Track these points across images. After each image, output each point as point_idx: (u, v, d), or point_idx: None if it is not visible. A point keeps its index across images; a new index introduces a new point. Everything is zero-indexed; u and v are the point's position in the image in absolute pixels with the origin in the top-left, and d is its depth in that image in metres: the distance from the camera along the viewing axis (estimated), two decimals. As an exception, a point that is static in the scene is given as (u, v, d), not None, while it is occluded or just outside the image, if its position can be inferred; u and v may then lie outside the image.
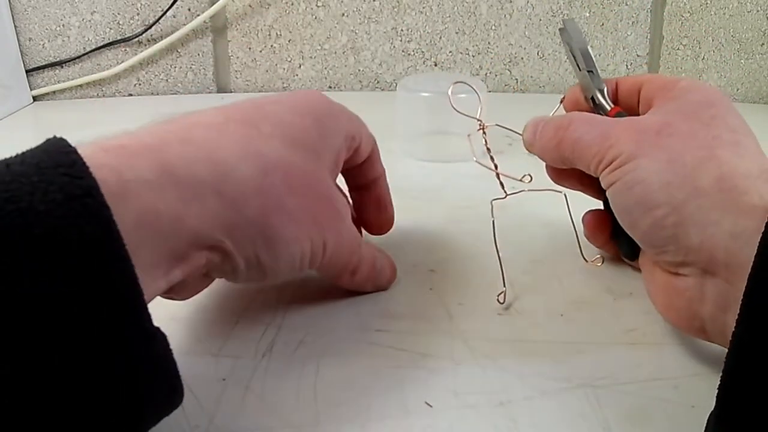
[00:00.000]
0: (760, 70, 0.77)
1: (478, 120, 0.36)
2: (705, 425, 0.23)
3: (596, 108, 0.37)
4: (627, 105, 0.36)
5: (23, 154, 0.22)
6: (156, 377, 0.22)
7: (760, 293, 0.22)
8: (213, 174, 0.25)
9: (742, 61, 0.76)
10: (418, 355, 0.31)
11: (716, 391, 0.23)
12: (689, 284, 0.29)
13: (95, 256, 0.20)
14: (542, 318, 0.34)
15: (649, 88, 0.35)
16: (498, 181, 0.36)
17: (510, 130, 0.38)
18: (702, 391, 0.29)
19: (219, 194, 0.25)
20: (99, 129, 0.70)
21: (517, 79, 0.77)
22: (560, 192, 0.38)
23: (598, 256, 0.38)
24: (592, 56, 0.37)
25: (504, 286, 0.35)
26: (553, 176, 0.38)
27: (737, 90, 0.77)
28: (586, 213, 0.38)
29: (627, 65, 0.77)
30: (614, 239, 0.37)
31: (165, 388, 0.23)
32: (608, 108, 0.36)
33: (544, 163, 0.37)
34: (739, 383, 0.22)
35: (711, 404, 0.23)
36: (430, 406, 0.28)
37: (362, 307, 0.35)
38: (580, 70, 0.37)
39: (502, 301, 0.34)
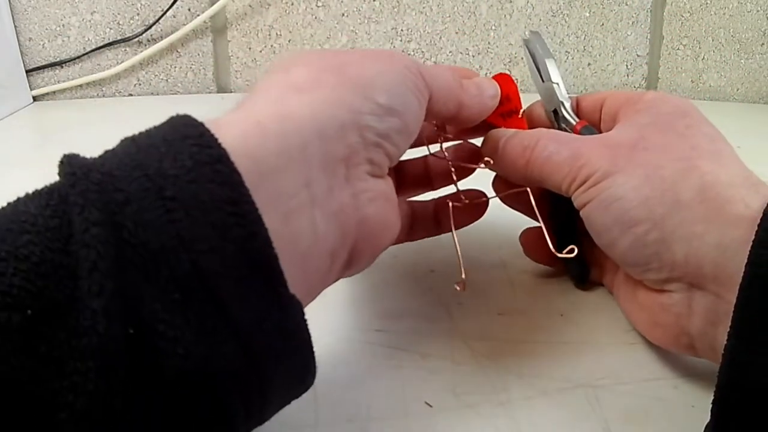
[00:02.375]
0: (760, 70, 0.77)
1: (435, 126, 0.35)
2: None
3: (559, 121, 0.35)
4: (589, 122, 0.35)
5: (147, 130, 0.22)
6: (289, 350, 0.21)
7: (751, 304, 0.22)
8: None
9: (742, 61, 0.76)
10: (418, 355, 0.31)
11: (711, 406, 0.22)
12: (676, 300, 0.28)
13: (230, 219, 0.19)
14: (542, 318, 0.34)
15: (611, 104, 0.34)
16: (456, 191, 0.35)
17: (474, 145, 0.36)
18: (702, 391, 0.29)
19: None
20: (99, 129, 0.70)
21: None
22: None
23: (571, 246, 0.34)
24: (557, 69, 0.36)
25: (462, 274, 0.32)
26: (502, 198, 0.37)
27: (737, 90, 0.77)
28: (525, 230, 0.37)
29: (627, 65, 0.77)
30: (564, 262, 0.36)
31: (296, 363, 0.21)
32: (574, 122, 0.35)
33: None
34: (734, 396, 0.22)
35: (710, 405, 0.23)
36: (430, 406, 0.28)
37: (362, 307, 0.35)
38: (543, 81, 0.36)
39: (460, 288, 0.32)
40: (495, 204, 0.36)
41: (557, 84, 0.36)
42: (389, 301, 0.35)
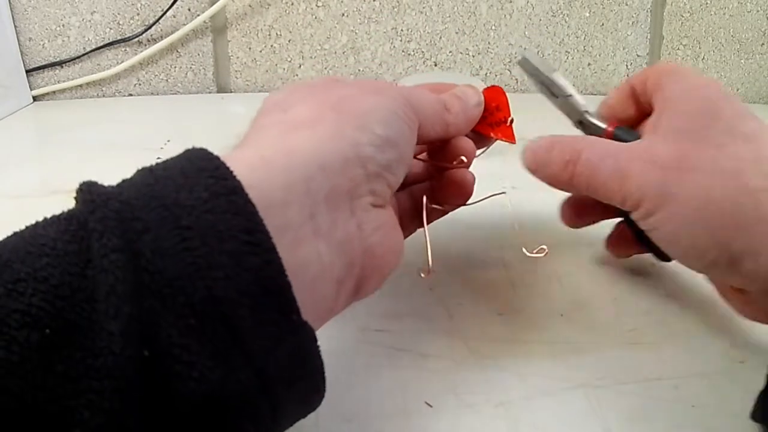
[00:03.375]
0: (760, 70, 0.77)
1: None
2: (755, 402, 0.24)
3: (587, 130, 0.35)
4: (620, 118, 0.35)
5: (164, 161, 0.22)
6: (299, 373, 0.21)
7: None
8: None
9: (742, 61, 0.76)
10: (418, 355, 0.31)
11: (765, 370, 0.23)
12: (758, 297, 0.29)
13: (245, 247, 0.20)
14: (542, 318, 0.34)
15: (646, 90, 0.33)
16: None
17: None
18: (702, 391, 0.29)
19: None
20: (99, 129, 0.70)
21: (517, 79, 0.77)
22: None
23: (541, 246, 0.35)
24: (566, 79, 0.36)
25: (429, 263, 0.32)
26: (569, 221, 0.37)
27: (737, 90, 0.77)
28: (613, 231, 0.37)
29: (627, 65, 0.77)
30: (643, 246, 0.36)
31: (307, 386, 0.22)
32: (603, 127, 0.34)
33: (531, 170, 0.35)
34: None
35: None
36: (430, 406, 0.28)
37: (362, 307, 0.35)
38: (557, 97, 0.36)
39: (424, 275, 0.32)
40: (496, 204, 0.36)
41: (571, 95, 0.35)
42: (389, 301, 0.35)
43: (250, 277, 0.19)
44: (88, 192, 0.20)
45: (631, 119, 0.35)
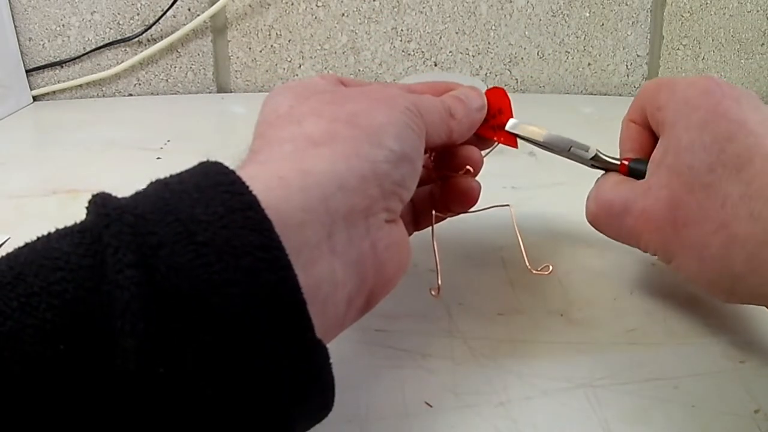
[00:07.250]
0: (760, 70, 0.77)
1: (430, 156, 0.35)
2: None
3: (604, 167, 0.35)
4: (636, 120, 0.35)
5: (179, 174, 0.22)
6: (312, 391, 0.21)
7: None
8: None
9: (742, 61, 0.76)
10: (418, 355, 0.31)
11: None
12: None
13: (261, 264, 0.19)
14: (542, 318, 0.34)
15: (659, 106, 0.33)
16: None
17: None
18: (702, 391, 0.29)
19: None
20: (99, 129, 0.70)
21: (517, 79, 0.77)
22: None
23: (546, 264, 0.36)
24: (560, 135, 0.36)
25: (439, 282, 0.33)
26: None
27: (737, 90, 0.77)
28: None
29: (627, 65, 0.77)
30: None
31: (318, 402, 0.22)
32: (617, 162, 0.35)
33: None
34: None
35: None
36: (430, 406, 0.28)
37: (362, 307, 0.35)
38: (560, 152, 0.36)
39: (435, 294, 0.33)
40: (497, 203, 0.36)
41: (572, 146, 0.35)
42: (389, 301, 0.35)
43: (265, 294, 0.19)
44: (102, 205, 0.20)
45: (652, 144, 0.34)
